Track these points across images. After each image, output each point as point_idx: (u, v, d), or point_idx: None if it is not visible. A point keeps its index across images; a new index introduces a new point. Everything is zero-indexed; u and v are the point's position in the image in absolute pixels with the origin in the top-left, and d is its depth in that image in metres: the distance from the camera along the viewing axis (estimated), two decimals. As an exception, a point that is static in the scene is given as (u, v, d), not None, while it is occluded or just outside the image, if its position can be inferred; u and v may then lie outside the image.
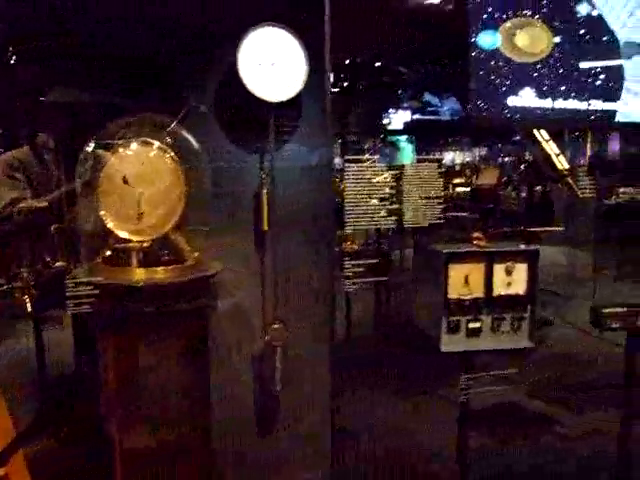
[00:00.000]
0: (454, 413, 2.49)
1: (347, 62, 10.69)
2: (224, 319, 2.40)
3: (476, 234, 2.28)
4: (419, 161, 2.32)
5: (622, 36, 6.29)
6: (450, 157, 16.29)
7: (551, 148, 6.17)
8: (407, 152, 12.57)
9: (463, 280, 2.18)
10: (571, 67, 5.91)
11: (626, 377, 2.52)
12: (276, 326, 2.41)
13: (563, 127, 6.08)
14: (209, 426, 2.16)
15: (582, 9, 5.98)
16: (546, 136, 6.38)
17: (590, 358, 4.14)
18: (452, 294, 2.18)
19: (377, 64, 10.20)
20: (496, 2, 5.61)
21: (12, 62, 2.37)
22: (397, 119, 13.33)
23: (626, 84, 6.26)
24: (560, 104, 5.89)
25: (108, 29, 2.19)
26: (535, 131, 6.59)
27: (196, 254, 2.09)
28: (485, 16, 5.57)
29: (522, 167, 9.73)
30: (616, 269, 7.95)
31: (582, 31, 5.99)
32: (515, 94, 5.75)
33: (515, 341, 2.27)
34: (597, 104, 6.05)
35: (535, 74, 5.78)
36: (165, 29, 2.23)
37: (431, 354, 2.28)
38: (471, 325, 2.22)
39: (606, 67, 6.10)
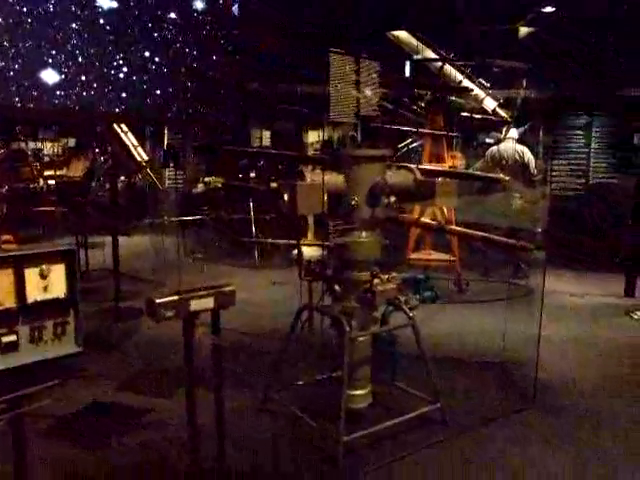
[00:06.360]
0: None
1: None
2: None
3: (5, 237, 2.03)
4: None
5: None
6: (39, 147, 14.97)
7: (129, 140, 6.16)
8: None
9: (-14, 290, 1.91)
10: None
11: (185, 359, 2.59)
12: None
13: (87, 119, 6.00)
14: None
15: (104, 2, 6.14)
16: (125, 128, 6.34)
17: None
18: (-25, 308, 1.89)
19: None
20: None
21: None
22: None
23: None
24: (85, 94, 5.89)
25: None
26: (115, 123, 6.47)
27: None
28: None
29: (102, 159, 9.50)
30: (205, 252, 8.54)
31: (101, 21, 6.16)
32: (30, 80, 5.52)
33: (61, 348, 2.11)
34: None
35: (51, 60, 5.66)
36: None
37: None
38: (5, 339, 1.97)
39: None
